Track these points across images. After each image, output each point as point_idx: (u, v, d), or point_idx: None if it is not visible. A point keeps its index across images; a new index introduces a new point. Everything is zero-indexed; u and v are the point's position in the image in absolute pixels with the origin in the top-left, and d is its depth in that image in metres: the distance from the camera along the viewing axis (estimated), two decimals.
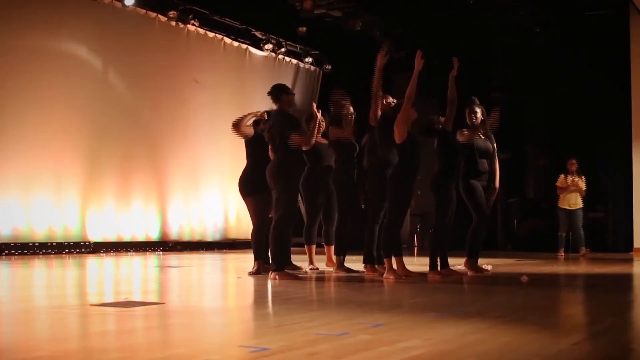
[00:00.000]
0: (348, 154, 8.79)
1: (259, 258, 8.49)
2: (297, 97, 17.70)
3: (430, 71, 17.10)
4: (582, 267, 10.90)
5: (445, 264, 8.53)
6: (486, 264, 10.17)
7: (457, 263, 9.27)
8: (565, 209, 14.15)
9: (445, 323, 4.65)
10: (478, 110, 8.90)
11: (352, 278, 8.17)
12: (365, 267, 8.49)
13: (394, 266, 7.95)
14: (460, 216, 8.84)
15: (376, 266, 8.40)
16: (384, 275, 7.94)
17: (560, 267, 10.76)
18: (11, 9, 11.87)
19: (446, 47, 16.75)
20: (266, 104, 12.27)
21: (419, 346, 3.82)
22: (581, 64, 16.73)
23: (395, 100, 8.55)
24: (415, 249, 16.60)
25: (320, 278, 8.19)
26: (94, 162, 13.05)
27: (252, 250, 8.63)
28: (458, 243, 9.49)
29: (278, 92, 8.22)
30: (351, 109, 8.92)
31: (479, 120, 8.89)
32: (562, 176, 14.26)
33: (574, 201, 14.11)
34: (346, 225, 8.81)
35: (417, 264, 10.06)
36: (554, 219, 14.64)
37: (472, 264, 8.82)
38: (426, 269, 8.38)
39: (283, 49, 17.14)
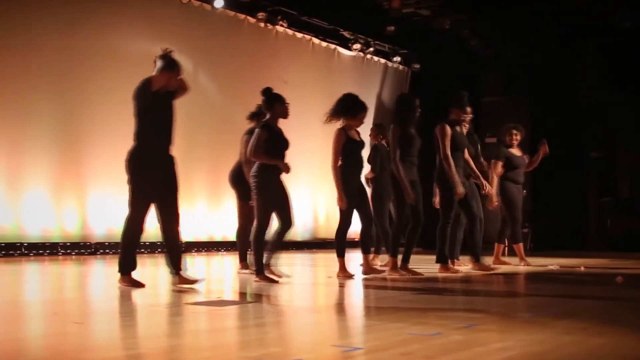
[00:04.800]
0: None
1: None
2: (386, 96, 17.70)
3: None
4: None
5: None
6: (555, 264, 10.17)
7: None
8: None
9: (538, 324, 4.60)
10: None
11: (438, 279, 8.15)
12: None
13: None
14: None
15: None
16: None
17: None
18: (99, 13, 12.04)
19: (536, 44, 16.58)
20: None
21: (513, 347, 3.79)
22: None
23: None
24: None
25: (411, 280, 8.14)
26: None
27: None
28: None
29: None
30: None
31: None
32: None
33: None
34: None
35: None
36: None
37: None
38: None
39: (371, 49, 17.14)
